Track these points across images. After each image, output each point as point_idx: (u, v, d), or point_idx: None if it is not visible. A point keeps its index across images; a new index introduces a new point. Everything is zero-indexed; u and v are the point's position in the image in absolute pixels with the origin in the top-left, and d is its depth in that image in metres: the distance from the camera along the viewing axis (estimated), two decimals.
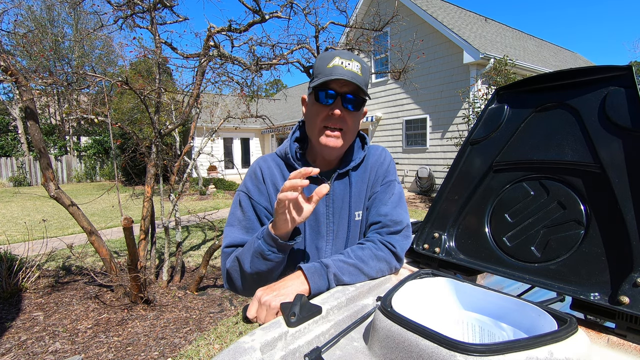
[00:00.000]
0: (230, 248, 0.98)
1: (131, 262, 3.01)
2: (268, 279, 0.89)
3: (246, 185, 1.04)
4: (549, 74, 0.91)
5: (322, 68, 0.92)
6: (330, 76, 0.89)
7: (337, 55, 0.92)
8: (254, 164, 1.08)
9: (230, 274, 0.95)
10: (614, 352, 0.62)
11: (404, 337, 0.57)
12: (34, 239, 5.15)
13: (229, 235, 0.99)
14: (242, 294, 0.99)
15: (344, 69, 0.90)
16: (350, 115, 0.95)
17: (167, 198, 4.79)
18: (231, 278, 0.95)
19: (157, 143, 3.62)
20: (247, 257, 0.88)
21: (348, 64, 0.91)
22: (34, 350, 2.65)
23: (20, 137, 17.28)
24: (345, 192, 1.04)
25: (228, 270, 0.95)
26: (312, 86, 0.94)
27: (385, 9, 6.75)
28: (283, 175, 1.04)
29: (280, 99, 8.74)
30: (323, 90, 0.92)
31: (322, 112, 0.94)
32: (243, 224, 1.00)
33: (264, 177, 1.03)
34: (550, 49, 15.53)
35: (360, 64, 0.93)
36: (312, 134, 0.99)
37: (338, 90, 0.92)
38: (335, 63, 0.90)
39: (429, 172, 10.09)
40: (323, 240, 1.02)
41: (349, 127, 0.96)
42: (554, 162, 0.86)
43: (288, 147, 1.04)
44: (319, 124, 0.95)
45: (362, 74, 0.93)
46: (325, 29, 5.02)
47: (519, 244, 0.87)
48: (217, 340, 2.81)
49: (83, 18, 18.07)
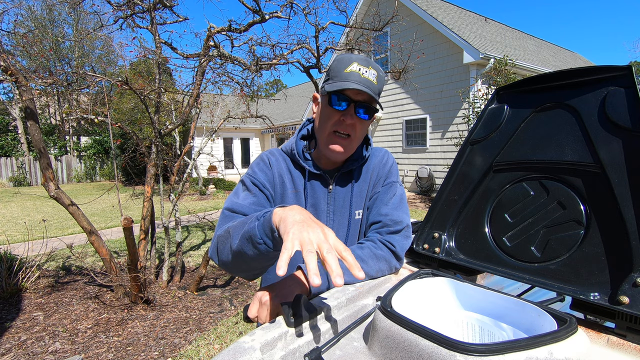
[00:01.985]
0: (230, 211, 0.93)
1: (131, 262, 3.00)
2: (251, 266, 0.83)
3: (252, 169, 1.03)
4: (548, 74, 0.91)
5: (339, 71, 0.91)
6: (346, 82, 0.89)
7: (356, 61, 0.91)
8: (261, 154, 1.07)
9: (218, 244, 0.87)
10: (614, 352, 0.62)
11: (403, 337, 0.57)
12: (34, 239, 5.15)
13: (232, 201, 0.95)
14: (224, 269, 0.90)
15: (361, 77, 0.89)
16: (360, 123, 0.95)
17: (167, 198, 4.79)
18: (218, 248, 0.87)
19: (157, 143, 3.62)
20: (238, 233, 0.78)
21: (365, 71, 0.90)
22: (34, 350, 2.65)
23: (20, 137, 17.28)
24: (347, 190, 1.05)
25: (217, 238, 0.88)
26: (327, 91, 0.93)
27: (385, 9, 6.75)
28: (289, 170, 1.04)
29: (280, 99, 8.73)
30: (337, 95, 0.92)
31: (334, 117, 0.94)
32: (249, 200, 0.96)
33: (271, 164, 1.03)
34: (550, 49, 15.53)
35: (377, 72, 0.93)
36: (321, 135, 0.99)
37: (352, 97, 0.91)
38: (352, 69, 0.90)
39: (429, 172, 10.09)
40: None
41: (357, 134, 0.97)
42: (554, 162, 0.86)
43: (294, 143, 1.04)
44: (329, 127, 0.95)
45: (378, 83, 0.93)
46: (325, 29, 5.02)
47: (519, 244, 0.87)
48: (217, 340, 2.81)
49: (83, 18, 18.07)
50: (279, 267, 0.54)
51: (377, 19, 4.71)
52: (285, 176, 1.03)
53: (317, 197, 1.04)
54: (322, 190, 1.04)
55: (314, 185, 1.04)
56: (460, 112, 9.13)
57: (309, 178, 1.03)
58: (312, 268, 0.55)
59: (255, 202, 0.96)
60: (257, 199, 0.97)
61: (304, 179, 1.03)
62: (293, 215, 0.65)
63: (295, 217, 0.65)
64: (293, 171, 1.04)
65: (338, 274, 0.54)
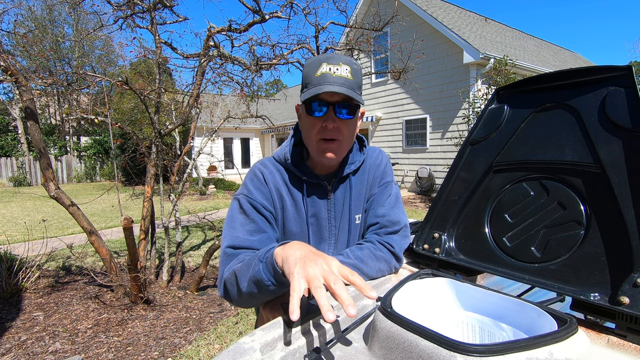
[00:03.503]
0: (231, 249, 0.89)
1: (131, 262, 3.00)
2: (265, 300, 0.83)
3: (247, 188, 0.98)
4: (548, 74, 0.91)
5: (311, 77, 0.87)
6: (318, 86, 0.84)
7: (324, 62, 0.86)
8: (254, 168, 1.02)
9: (227, 286, 0.87)
10: (614, 352, 0.62)
11: (404, 337, 0.57)
12: (34, 239, 5.15)
13: (230, 236, 0.91)
14: (238, 306, 0.91)
15: (333, 76, 0.85)
16: (344, 124, 0.91)
17: (167, 198, 4.79)
18: (227, 289, 0.87)
19: (157, 143, 3.62)
20: (244, 276, 0.78)
21: (337, 69, 0.85)
22: (34, 350, 2.65)
23: (20, 137, 17.28)
24: (346, 196, 1.03)
25: (225, 281, 0.87)
26: (302, 100, 0.89)
27: (385, 9, 6.75)
28: (285, 182, 0.99)
29: (280, 99, 8.74)
30: (314, 101, 0.87)
31: (316, 125, 0.90)
32: (247, 228, 0.92)
33: (265, 179, 0.98)
34: (550, 49, 15.53)
35: (350, 66, 0.87)
36: (309, 146, 0.95)
37: (329, 100, 0.86)
38: (323, 70, 0.85)
39: (429, 172, 10.09)
40: (325, 244, 1.02)
41: (344, 136, 0.92)
42: (554, 162, 0.86)
43: (288, 152, 1.00)
44: (314, 137, 0.91)
45: (354, 77, 0.87)
46: (325, 29, 5.02)
47: (519, 244, 0.87)
48: (217, 340, 2.81)
49: (83, 18, 18.07)
50: (292, 311, 0.54)
51: (377, 19, 4.72)
52: (283, 189, 0.98)
53: (317, 206, 1.00)
54: (322, 198, 1.01)
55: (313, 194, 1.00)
56: (460, 112, 9.13)
57: (307, 189, 0.99)
58: (324, 305, 0.54)
59: (255, 229, 0.92)
60: (256, 224, 0.93)
61: (302, 189, 0.99)
62: (294, 254, 0.65)
63: (296, 254, 0.65)
64: (289, 182, 0.99)
65: (350, 304, 0.54)
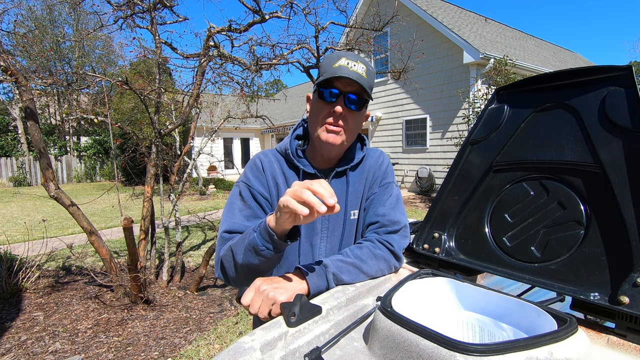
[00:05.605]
0: (228, 233, 0.96)
1: (131, 262, 3.00)
2: (260, 274, 0.87)
3: (246, 176, 1.04)
4: (548, 74, 0.91)
5: (328, 67, 0.93)
6: (334, 74, 0.90)
7: (344, 56, 0.93)
8: (254, 157, 1.08)
9: (223, 263, 0.93)
10: (614, 352, 0.62)
11: (404, 337, 0.57)
12: (34, 239, 5.15)
13: (228, 221, 0.97)
14: (233, 285, 0.96)
15: (349, 70, 0.91)
16: (351, 115, 0.96)
17: (167, 198, 4.79)
18: (224, 267, 0.93)
19: (157, 143, 3.62)
20: (240, 248, 0.85)
21: (354, 65, 0.92)
22: (34, 350, 2.65)
23: (20, 137, 17.28)
24: (342, 190, 1.04)
25: (221, 259, 0.93)
26: (316, 83, 0.96)
27: (385, 9, 6.75)
28: (282, 171, 1.04)
29: (280, 99, 8.75)
30: (327, 88, 0.94)
31: (325, 110, 0.95)
32: (244, 213, 0.99)
33: (264, 168, 1.03)
34: (550, 49, 15.53)
35: (366, 67, 0.94)
36: (314, 130, 0.99)
37: (342, 89, 0.93)
38: (341, 63, 0.92)
39: (429, 172, 10.09)
40: (317, 236, 1.03)
41: (349, 126, 0.97)
42: (554, 162, 0.86)
43: (288, 143, 1.04)
44: (320, 120, 0.96)
45: (367, 77, 0.94)
46: (325, 29, 5.02)
47: (519, 244, 0.87)
48: (217, 340, 2.81)
49: (83, 18, 18.08)
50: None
51: (377, 19, 4.72)
52: (279, 178, 1.03)
53: None
54: None
55: None
56: (460, 112, 9.13)
57: (303, 178, 1.02)
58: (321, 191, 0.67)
59: (251, 214, 0.99)
60: (252, 210, 0.99)
61: (298, 178, 1.03)
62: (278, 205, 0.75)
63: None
64: (287, 171, 1.04)
65: (330, 195, 0.66)
